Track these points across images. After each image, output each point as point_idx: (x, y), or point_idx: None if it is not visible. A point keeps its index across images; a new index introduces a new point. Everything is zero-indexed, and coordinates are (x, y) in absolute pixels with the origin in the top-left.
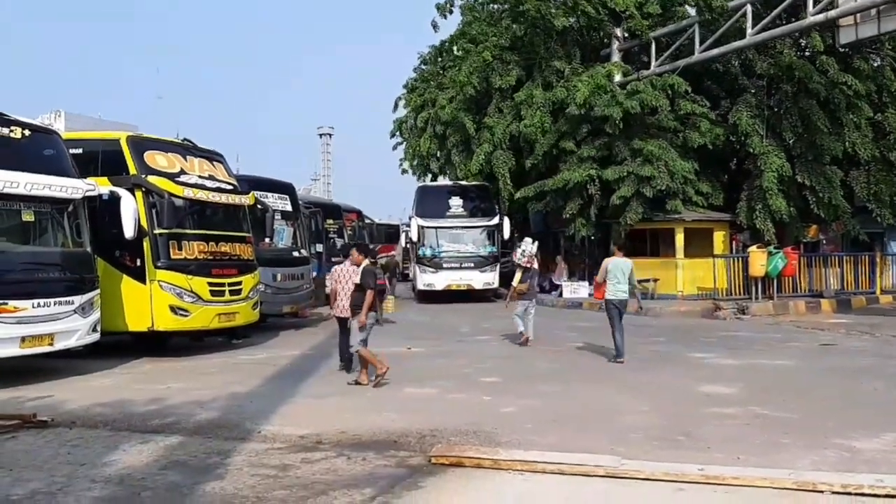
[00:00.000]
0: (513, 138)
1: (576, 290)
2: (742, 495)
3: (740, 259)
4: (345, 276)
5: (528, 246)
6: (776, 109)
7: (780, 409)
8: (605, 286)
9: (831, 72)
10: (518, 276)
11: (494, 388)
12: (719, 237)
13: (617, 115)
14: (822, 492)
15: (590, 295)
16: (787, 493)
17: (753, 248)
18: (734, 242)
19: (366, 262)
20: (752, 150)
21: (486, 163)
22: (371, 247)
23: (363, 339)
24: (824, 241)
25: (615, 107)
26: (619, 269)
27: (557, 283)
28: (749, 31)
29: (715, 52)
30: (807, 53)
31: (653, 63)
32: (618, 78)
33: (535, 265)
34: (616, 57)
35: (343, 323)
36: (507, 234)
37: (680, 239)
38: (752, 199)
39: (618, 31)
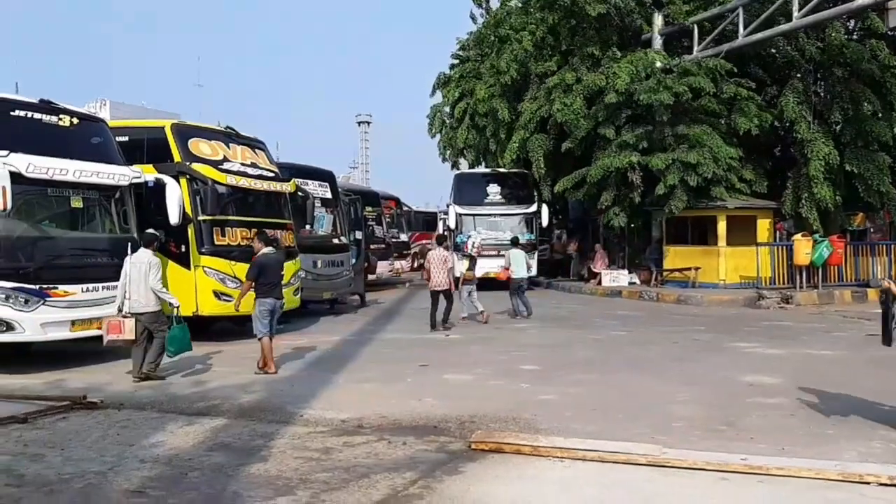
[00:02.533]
0: (543, 121)
1: (615, 278)
2: (786, 486)
3: (784, 247)
4: (438, 258)
5: (477, 238)
6: (824, 95)
7: (826, 400)
8: (510, 270)
9: (881, 55)
10: (467, 263)
11: (533, 375)
12: (763, 225)
13: (667, 99)
14: (868, 483)
15: (630, 283)
16: (833, 484)
17: (798, 236)
18: (778, 230)
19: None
20: (798, 137)
21: (521, 149)
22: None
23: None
24: (871, 230)
25: (664, 91)
26: (520, 257)
27: (596, 271)
28: (795, 13)
29: (760, 35)
30: (854, 37)
31: (695, 48)
32: (659, 64)
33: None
34: (657, 42)
35: (436, 295)
36: (545, 221)
37: (722, 227)
38: (798, 187)
39: (658, 17)
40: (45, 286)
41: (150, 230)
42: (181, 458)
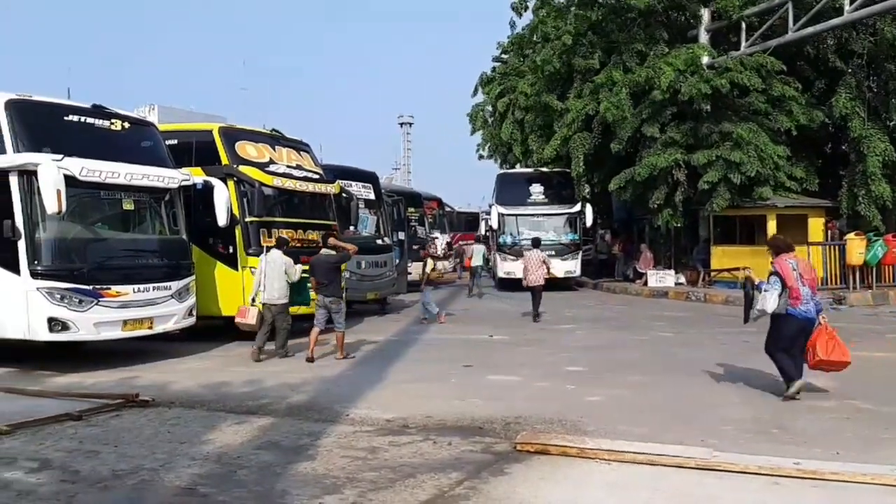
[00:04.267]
0: (588, 119)
1: (661, 278)
2: (841, 492)
3: (837, 247)
4: (536, 259)
5: (443, 239)
6: (877, 91)
7: (881, 403)
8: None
9: None
10: (431, 264)
11: (579, 376)
12: (815, 224)
13: (705, 90)
14: None
15: (676, 284)
16: (890, 489)
17: (851, 235)
18: (829, 229)
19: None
20: (852, 134)
21: (562, 147)
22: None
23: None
24: None
25: (703, 84)
26: (479, 251)
27: (642, 271)
28: (847, 7)
29: (809, 30)
30: None
31: (742, 44)
32: (705, 60)
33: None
34: (704, 38)
35: (535, 290)
36: (589, 221)
37: (772, 226)
38: (855, 184)
39: (705, 12)
40: (98, 287)
41: (283, 235)
42: (230, 456)
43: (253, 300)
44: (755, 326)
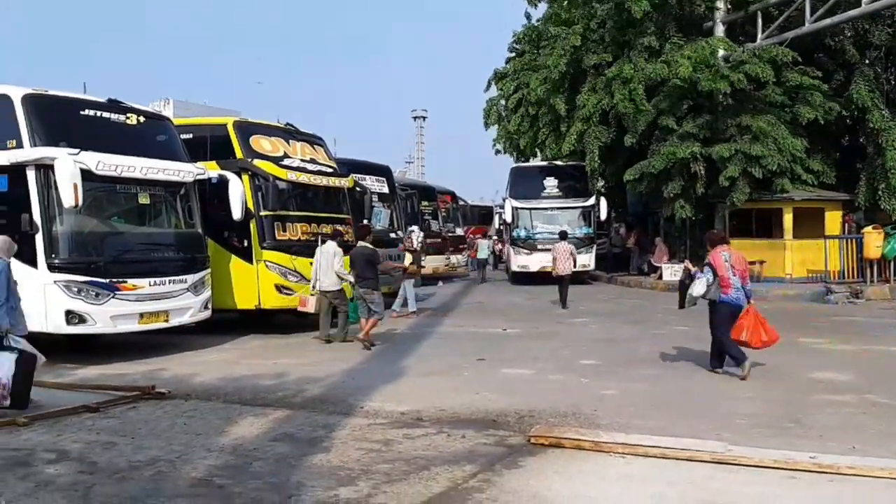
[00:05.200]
0: (604, 114)
1: (676, 272)
2: (857, 486)
3: (854, 240)
4: (564, 250)
5: (418, 233)
6: (895, 83)
7: None
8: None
9: None
10: (409, 258)
11: (593, 370)
12: (832, 217)
13: (724, 87)
14: None
15: None
16: None
17: (868, 228)
18: (846, 223)
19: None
20: (872, 126)
21: (577, 142)
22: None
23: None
24: None
25: (721, 80)
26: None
27: (657, 265)
28: None
29: (827, 21)
30: None
31: (759, 35)
32: (721, 52)
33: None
34: (720, 30)
35: (563, 279)
36: (603, 214)
37: (788, 219)
38: (874, 177)
39: (721, 3)
40: (114, 280)
41: (338, 227)
42: (246, 448)
43: (313, 288)
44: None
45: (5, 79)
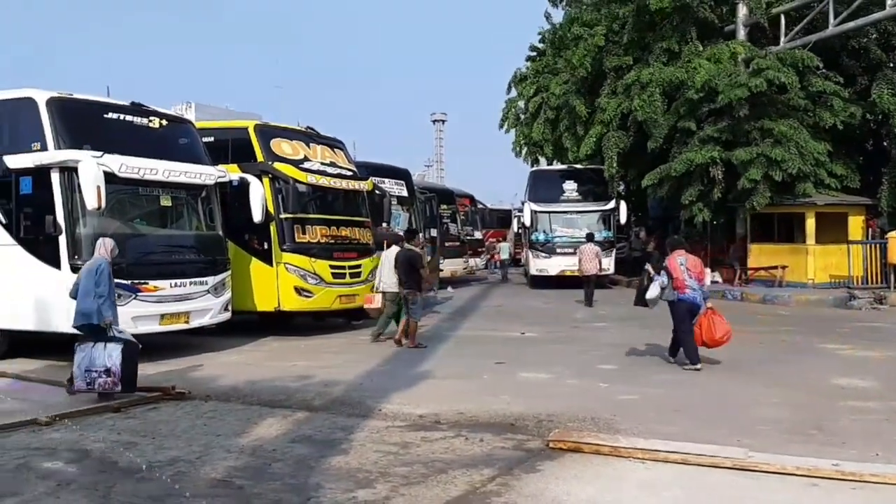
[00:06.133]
0: (623, 118)
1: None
2: (881, 494)
3: (878, 245)
4: (590, 251)
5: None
6: None
7: None
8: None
9: None
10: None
11: (612, 374)
12: (855, 222)
13: (742, 94)
14: None
15: (712, 282)
16: None
17: (892, 233)
18: (870, 227)
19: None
20: (895, 130)
21: (596, 145)
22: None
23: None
24: None
25: (739, 88)
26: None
27: None
28: (889, 0)
29: (851, 24)
30: None
31: (782, 39)
32: (742, 57)
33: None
34: (742, 33)
35: (589, 279)
36: (623, 218)
37: (811, 224)
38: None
39: (742, 7)
40: (136, 282)
41: (398, 233)
42: (265, 449)
43: (374, 287)
44: (795, 326)
45: (30, 82)
